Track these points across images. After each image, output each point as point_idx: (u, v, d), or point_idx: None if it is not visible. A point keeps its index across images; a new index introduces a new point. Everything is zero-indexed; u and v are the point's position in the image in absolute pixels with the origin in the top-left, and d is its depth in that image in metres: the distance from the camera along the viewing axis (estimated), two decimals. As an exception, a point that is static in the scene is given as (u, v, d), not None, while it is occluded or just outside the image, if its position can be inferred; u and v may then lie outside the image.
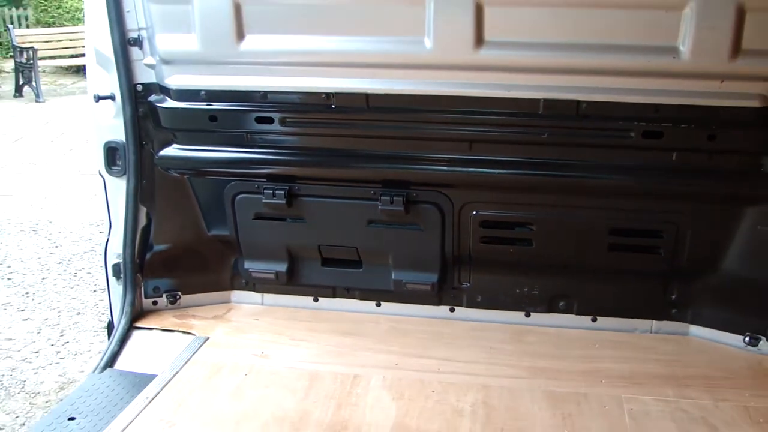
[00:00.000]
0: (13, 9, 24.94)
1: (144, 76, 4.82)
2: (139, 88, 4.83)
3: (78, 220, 10.75)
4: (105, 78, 4.84)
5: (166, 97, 4.81)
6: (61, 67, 21.62)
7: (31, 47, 19.54)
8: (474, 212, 4.86)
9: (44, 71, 20.04)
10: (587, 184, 4.66)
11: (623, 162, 4.58)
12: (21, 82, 19.92)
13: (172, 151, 4.95)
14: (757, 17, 4.05)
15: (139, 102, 4.84)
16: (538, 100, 4.45)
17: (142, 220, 5.07)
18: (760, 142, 4.41)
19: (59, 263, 9.27)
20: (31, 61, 19.46)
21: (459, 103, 4.52)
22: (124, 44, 4.71)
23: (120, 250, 5.03)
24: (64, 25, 22.16)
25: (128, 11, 4.66)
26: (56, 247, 9.83)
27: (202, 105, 4.78)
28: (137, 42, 4.74)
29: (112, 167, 4.97)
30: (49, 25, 22.35)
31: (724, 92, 4.27)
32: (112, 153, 4.95)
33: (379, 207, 4.85)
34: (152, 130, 4.91)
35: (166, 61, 4.71)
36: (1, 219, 10.86)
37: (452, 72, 4.47)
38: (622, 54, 4.28)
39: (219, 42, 4.58)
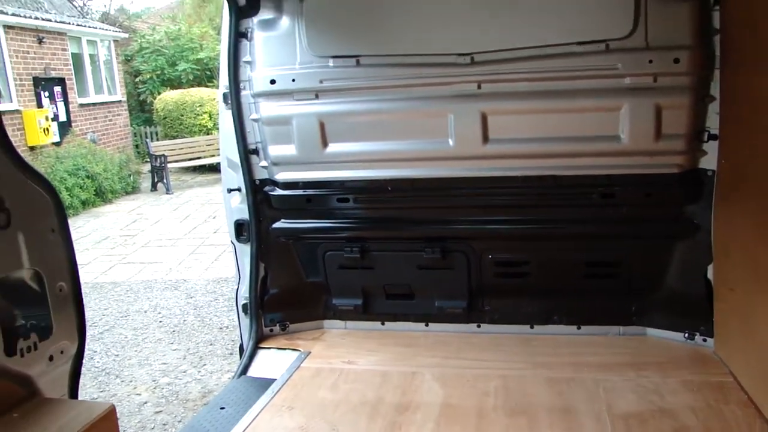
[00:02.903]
0: (148, 127, 25.56)
1: (260, 173, 5.23)
2: (257, 182, 5.24)
3: (204, 279, 11.00)
4: (234, 177, 5.26)
5: (276, 188, 5.23)
6: (182, 167, 21.86)
7: (163, 154, 19.96)
8: (490, 256, 5.18)
9: (171, 171, 20.33)
10: (565, 233, 4.96)
11: (588, 216, 4.89)
12: (155, 180, 20.22)
13: (281, 224, 5.33)
14: (669, 113, 4.47)
15: (258, 192, 5.24)
16: (528, 176, 4.83)
17: (261, 273, 5.39)
18: (681, 197, 4.72)
19: (194, 309, 9.53)
20: (163, 164, 19.81)
21: (474, 182, 4.89)
22: (247, 153, 5.15)
23: (246, 294, 5.38)
24: (185, 137, 22.51)
25: (249, 131, 5.14)
26: (191, 298, 10.10)
27: (300, 192, 5.20)
28: (256, 151, 5.17)
29: (240, 237, 5.35)
30: (174, 138, 22.71)
31: (653, 164, 4.61)
32: (239, 227, 5.33)
33: (424, 256, 5.16)
34: (267, 210, 5.29)
35: (275, 163, 5.15)
36: (151, 279, 11.15)
37: (468, 161, 4.86)
38: (582, 142, 4.65)
39: (310, 149, 5.01)
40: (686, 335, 4.92)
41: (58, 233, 3.19)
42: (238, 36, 5.02)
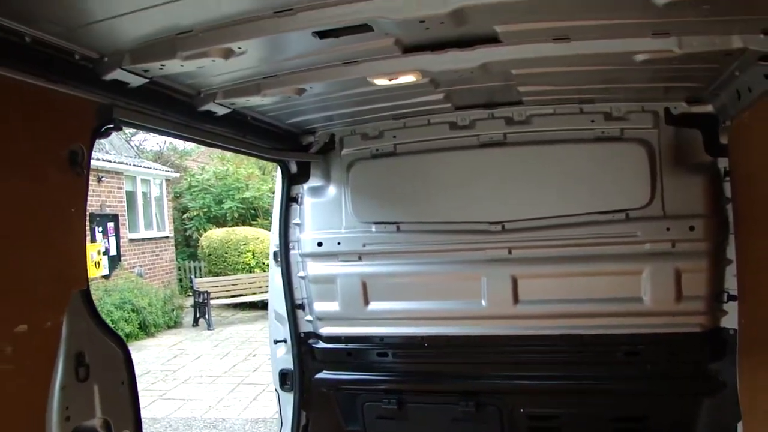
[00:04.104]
0: (192, 261, 26.34)
1: (305, 327, 5.62)
2: (302, 335, 5.62)
3: (243, 418, 11.09)
4: (280, 328, 5.66)
5: (319, 341, 5.60)
6: (224, 304, 22.23)
7: (206, 291, 20.48)
8: (521, 410, 5.35)
9: (213, 307, 20.71)
10: (593, 388, 5.16)
11: (615, 373, 5.10)
12: (197, 315, 20.57)
13: (323, 375, 5.64)
14: (688, 276, 4.80)
15: (302, 344, 5.61)
16: (556, 335, 5.12)
17: (303, 420, 5.64)
18: (705, 355, 4.92)
19: (232, 450, 9.63)
20: (205, 300, 20.24)
21: (506, 340, 5.20)
22: (294, 308, 5.58)
23: (289, 438, 5.62)
24: (228, 275, 23.11)
25: (296, 287, 5.58)
26: (230, 438, 10.21)
27: (342, 345, 5.56)
28: (302, 306, 5.60)
29: (284, 386, 5.67)
30: (217, 274, 23.35)
31: (675, 323, 4.88)
32: (284, 376, 5.66)
33: (459, 409, 5.36)
34: (310, 361, 5.62)
35: (319, 318, 5.55)
36: (191, 417, 11.28)
37: (500, 320, 5.21)
38: (606, 303, 4.97)
39: (353, 306, 5.42)
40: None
41: (126, 385, 3.62)
42: (289, 200, 5.58)
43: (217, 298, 21.37)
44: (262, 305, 22.34)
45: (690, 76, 4.11)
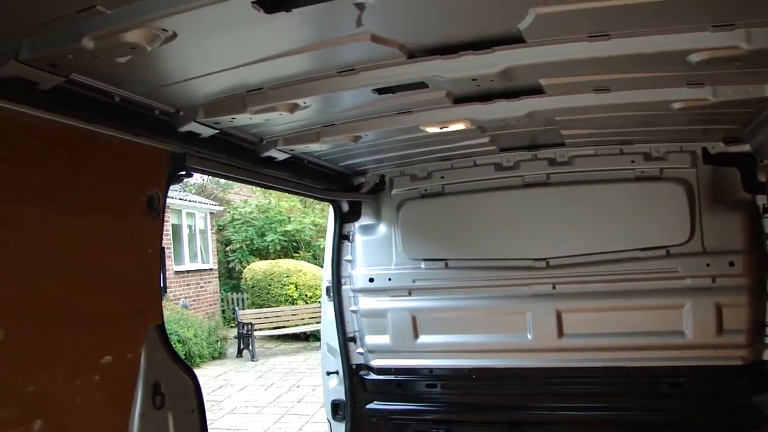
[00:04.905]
0: (235, 293, 26.71)
1: (356, 359, 5.85)
2: (354, 366, 5.85)
3: None
4: (332, 360, 5.90)
5: (371, 372, 5.83)
6: (267, 335, 22.51)
7: (250, 322, 20.77)
8: None
9: (256, 338, 20.96)
10: (637, 420, 5.26)
11: (657, 404, 5.20)
12: (241, 347, 20.86)
13: (374, 405, 5.85)
14: (729, 310, 4.92)
15: (354, 375, 5.83)
16: (600, 367, 5.27)
17: None
18: (748, 388, 4.99)
19: (281, 481, 9.79)
20: (249, 332, 20.53)
21: (551, 372, 5.38)
22: (346, 340, 5.82)
23: (341, 467, 5.81)
24: (271, 306, 23.46)
25: (348, 321, 5.83)
26: (277, 469, 10.39)
27: (392, 377, 5.78)
28: (353, 339, 5.84)
29: (336, 416, 5.88)
30: (260, 306, 23.69)
31: (717, 356, 4.99)
32: (336, 407, 5.88)
33: None
34: (361, 392, 5.85)
35: (370, 351, 5.79)
36: None
37: (545, 353, 5.39)
38: (649, 337, 5.12)
39: (403, 339, 5.65)
40: None
41: (196, 413, 3.90)
42: (342, 238, 5.84)
43: (261, 329, 21.60)
44: (305, 337, 22.65)
45: (726, 119, 4.28)
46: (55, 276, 3.14)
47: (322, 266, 24.82)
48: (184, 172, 3.88)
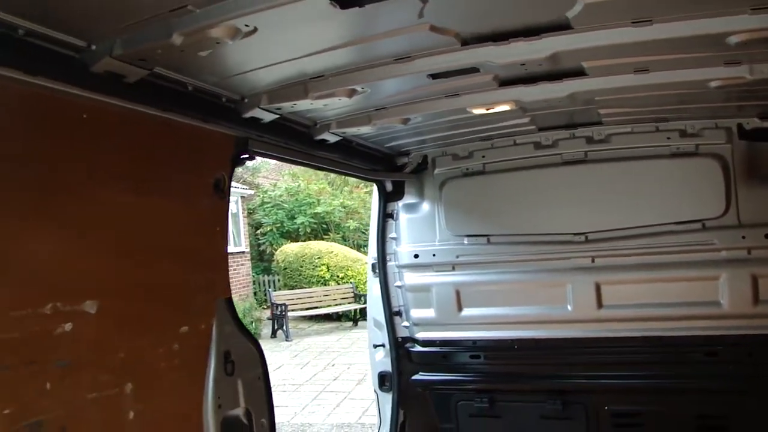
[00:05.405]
0: (266, 275, 27.25)
1: (402, 332, 6.09)
2: (400, 339, 6.10)
3: (329, 423, 11.68)
4: (378, 334, 6.16)
5: (416, 345, 6.08)
6: (300, 316, 22.95)
7: (283, 303, 21.27)
8: (606, 407, 5.68)
9: (289, 319, 21.31)
10: (674, 387, 5.45)
11: (693, 372, 5.38)
12: (275, 327, 21.39)
13: (419, 376, 6.10)
14: (765, 281, 5.07)
15: (400, 348, 6.08)
16: (638, 337, 5.46)
17: (401, 418, 6.11)
18: None
19: (321, 453, 10.13)
20: (283, 313, 21.03)
21: (590, 342, 5.58)
22: (392, 315, 6.07)
23: (388, 436, 6.09)
24: (303, 287, 23.90)
25: (393, 296, 6.08)
26: (317, 442, 10.75)
27: (437, 349, 6.02)
28: (399, 313, 6.08)
29: (383, 387, 6.15)
30: (292, 287, 24.17)
31: (753, 325, 5.15)
32: (382, 378, 6.15)
33: (547, 407, 5.75)
34: (407, 364, 6.09)
35: (416, 324, 6.03)
36: (278, 422, 11.30)
37: (585, 324, 5.58)
38: (685, 307, 5.29)
39: (447, 312, 5.88)
40: None
41: (262, 380, 4.21)
42: (386, 216, 6.08)
43: (293, 310, 22.03)
44: (337, 317, 23.04)
45: (762, 95, 4.41)
46: (139, 253, 3.43)
47: (352, 247, 25.32)
48: (246, 156, 4.14)
